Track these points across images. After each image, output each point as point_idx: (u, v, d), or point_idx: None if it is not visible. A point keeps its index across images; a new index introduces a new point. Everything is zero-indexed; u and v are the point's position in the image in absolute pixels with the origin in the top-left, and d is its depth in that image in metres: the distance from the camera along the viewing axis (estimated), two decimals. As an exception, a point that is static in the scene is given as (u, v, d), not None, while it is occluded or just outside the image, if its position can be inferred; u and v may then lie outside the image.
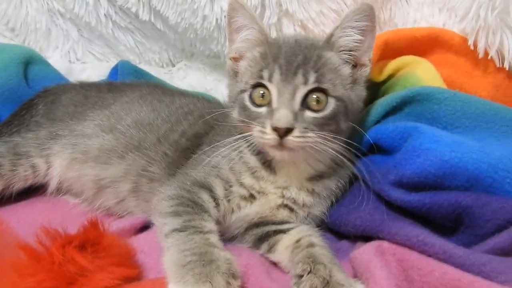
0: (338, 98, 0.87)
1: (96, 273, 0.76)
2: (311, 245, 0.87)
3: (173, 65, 1.79)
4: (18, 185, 1.12)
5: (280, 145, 0.84)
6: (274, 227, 0.95)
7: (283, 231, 0.94)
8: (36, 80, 1.44)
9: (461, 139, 0.85)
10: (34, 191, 1.19)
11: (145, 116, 1.13)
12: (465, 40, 1.10)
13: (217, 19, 1.41)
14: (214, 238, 0.82)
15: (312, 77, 0.85)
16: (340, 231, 0.97)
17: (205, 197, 0.91)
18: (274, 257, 0.92)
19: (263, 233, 0.95)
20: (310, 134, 0.83)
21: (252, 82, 0.90)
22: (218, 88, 1.64)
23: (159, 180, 1.01)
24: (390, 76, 1.17)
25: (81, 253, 0.78)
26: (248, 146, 0.92)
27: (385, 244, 0.83)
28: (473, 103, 0.92)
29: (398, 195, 0.85)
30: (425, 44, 1.14)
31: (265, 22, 1.33)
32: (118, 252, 0.81)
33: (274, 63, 0.87)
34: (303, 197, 0.95)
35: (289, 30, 1.34)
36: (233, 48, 0.98)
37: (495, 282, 0.70)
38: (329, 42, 0.91)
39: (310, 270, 0.79)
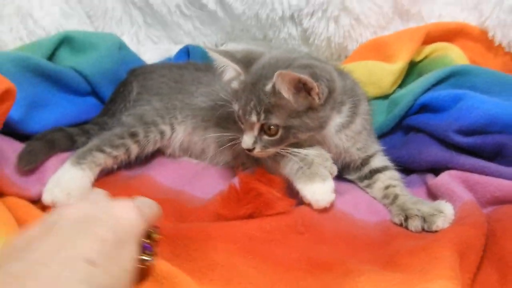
0: (286, 127, 1.08)
1: (279, 201, 0.99)
2: (396, 197, 1.16)
3: (217, 47, 2.04)
4: (149, 148, 1.35)
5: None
6: (367, 168, 1.26)
7: (378, 170, 1.27)
8: (125, 63, 1.65)
9: (498, 100, 1.28)
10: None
11: None
12: (483, 32, 1.56)
13: (283, 11, 1.66)
14: None
15: (261, 116, 1.10)
16: (411, 167, 1.35)
17: None
18: (371, 193, 1.24)
19: (364, 174, 1.27)
20: (270, 149, 1.12)
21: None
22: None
23: None
24: (425, 58, 1.60)
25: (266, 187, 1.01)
26: None
27: (452, 171, 1.20)
28: (501, 75, 1.37)
29: (460, 139, 1.23)
30: (452, 34, 1.58)
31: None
32: (284, 189, 1.05)
33: (239, 102, 1.14)
34: (342, 143, 1.21)
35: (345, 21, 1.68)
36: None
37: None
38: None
39: (406, 217, 1.09)
